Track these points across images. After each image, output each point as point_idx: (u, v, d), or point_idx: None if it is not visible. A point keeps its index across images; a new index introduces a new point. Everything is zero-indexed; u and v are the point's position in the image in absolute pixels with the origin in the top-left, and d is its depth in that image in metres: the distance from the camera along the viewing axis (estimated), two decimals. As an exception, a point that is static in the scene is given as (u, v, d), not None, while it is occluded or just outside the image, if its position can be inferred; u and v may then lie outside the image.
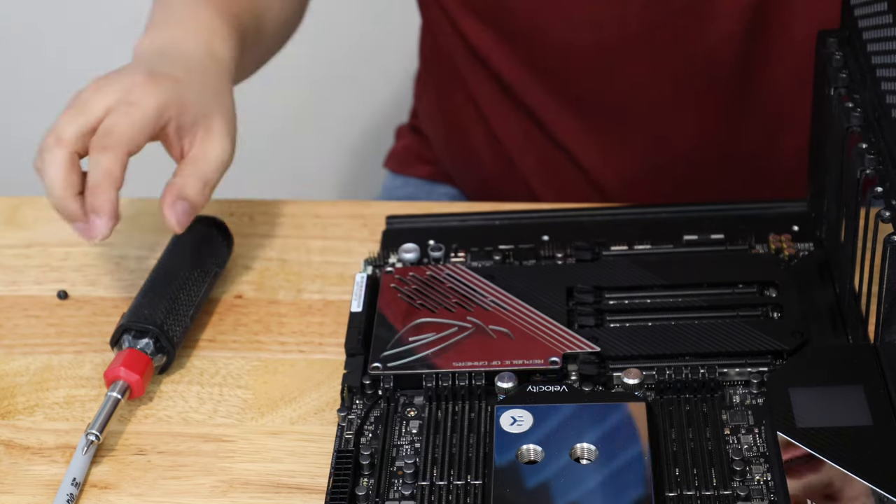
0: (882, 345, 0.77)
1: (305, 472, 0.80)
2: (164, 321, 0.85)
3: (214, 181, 0.87)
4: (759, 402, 0.79)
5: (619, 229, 0.92)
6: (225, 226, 0.94)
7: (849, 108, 0.80)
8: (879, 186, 0.76)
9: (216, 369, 0.87)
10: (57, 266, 0.96)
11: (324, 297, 0.93)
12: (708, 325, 0.83)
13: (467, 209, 0.98)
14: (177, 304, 0.87)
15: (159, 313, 0.86)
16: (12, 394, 0.86)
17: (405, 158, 1.26)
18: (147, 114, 0.84)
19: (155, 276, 0.89)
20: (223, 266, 0.93)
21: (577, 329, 0.84)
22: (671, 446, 0.76)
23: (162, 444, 0.82)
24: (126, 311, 0.87)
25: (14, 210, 1.02)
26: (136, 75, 0.86)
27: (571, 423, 0.76)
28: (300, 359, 0.88)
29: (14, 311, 0.93)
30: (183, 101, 0.86)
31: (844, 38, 0.86)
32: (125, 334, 0.85)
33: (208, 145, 0.87)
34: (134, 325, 0.85)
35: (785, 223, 0.91)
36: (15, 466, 0.81)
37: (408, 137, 1.28)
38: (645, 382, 0.80)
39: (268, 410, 0.84)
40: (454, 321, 0.84)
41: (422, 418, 0.80)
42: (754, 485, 0.74)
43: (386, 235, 0.94)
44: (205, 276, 0.90)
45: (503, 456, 0.75)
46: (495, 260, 0.90)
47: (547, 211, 0.95)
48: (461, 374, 0.81)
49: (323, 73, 1.69)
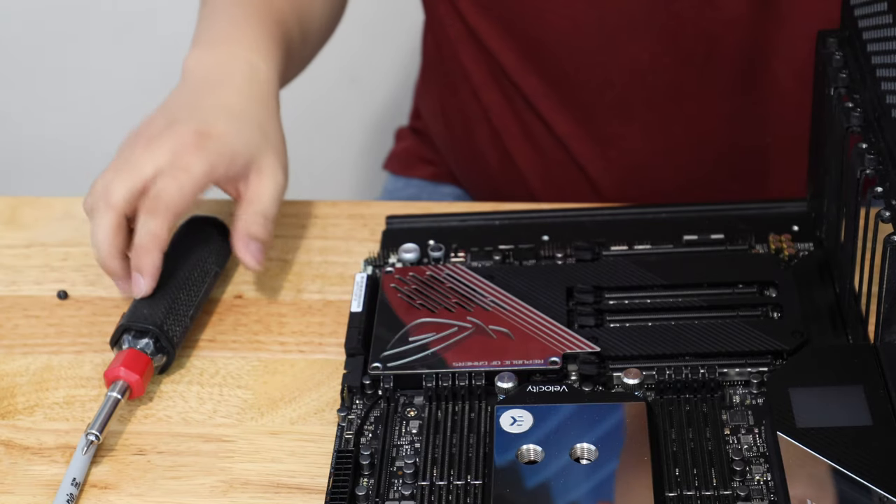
0: (882, 345, 0.77)
1: (305, 472, 0.80)
2: (163, 321, 0.85)
3: (274, 213, 0.91)
4: (758, 403, 0.79)
5: (619, 229, 0.92)
6: (225, 226, 0.94)
7: (849, 107, 0.80)
8: (879, 186, 0.76)
9: (216, 369, 0.87)
10: (57, 266, 0.96)
11: (324, 297, 0.93)
12: (708, 325, 0.83)
13: (467, 209, 0.98)
14: (176, 303, 0.87)
15: (159, 313, 0.86)
16: (12, 394, 0.86)
17: (406, 160, 1.26)
18: (196, 179, 0.87)
19: None
20: (223, 266, 0.93)
21: (577, 329, 0.84)
22: (671, 446, 0.76)
23: (162, 445, 0.82)
24: (126, 311, 0.87)
25: (14, 210, 1.02)
26: (186, 136, 0.89)
27: (571, 423, 0.76)
28: (300, 359, 0.88)
29: (14, 312, 0.93)
30: (232, 155, 0.89)
31: (844, 37, 0.86)
32: (125, 334, 0.85)
33: (262, 185, 0.91)
34: (134, 325, 0.85)
35: (785, 223, 0.91)
36: (15, 466, 0.81)
37: (408, 139, 1.28)
38: (645, 382, 0.80)
39: (268, 410, 0.84)
40: (454, 321, 0.84)
41: (422, 418, 0.80)
42: (754, 485, 0.74)
43: (386, 235, 0.94)
44: (205, 276, 0.90)
45: (503, 456, 0.75)
46: (495, 260, 0.90)
47: (547, 211, 0.95)
48: (461, 374, 0.81)
49: (324, 72, 1.69)
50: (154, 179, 0.87)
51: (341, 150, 1.76)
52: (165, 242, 0.87)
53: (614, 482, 0.73)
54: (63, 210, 1.01)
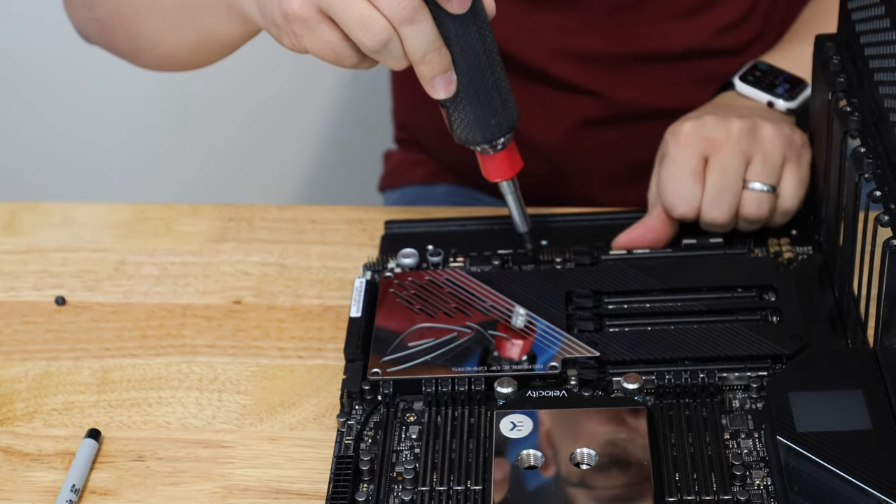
0: (881, 349, 0.77)
1: (305, 478, 0.80)
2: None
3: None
4: (758, 407, 0.79)
5: (617, 233, 0.92)
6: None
7: (847, 111, 0.80)
8: (878, 190, 0.76)
9: (215, 375, 0.87)
10: (55, 272, 0.96)
11: (323, 303, 0.92)
12: (707, 330, 0.83)
13: (466, 214, 0.98)
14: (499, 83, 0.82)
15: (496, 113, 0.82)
16: (11, 400, 0.86)
17: (398, 172, 1.26)
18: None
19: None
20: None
21: (577, 334, 0.84)
22: (671, 451, 0.76)
23: (161, 451, 0.82)
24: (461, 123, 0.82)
25: (12, 216, 1.02)
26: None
27: (571, 428, 0.76)
28: (299, 364, 0.88)
29: (12, 318, 0.93)
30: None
31: (842, 42, 0.86)
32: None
33: None
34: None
35: (784, 227, 0.91)
36: (14, 473, 0.81)
37: (397, 155, 1.28)
38: (644, 387, 0.80)
39: (267, 416, 0.84)
40: (453, 326, 0.84)
41: (421, 423, 0.80)
42: (754, 489, 0.74)
43: (385, 240, 0.94)
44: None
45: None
46: (494, 265, 0.90)
47: (545, 216, 0.95)
48: (461, 379, 0.80)
49: (324, 78, 1.69)
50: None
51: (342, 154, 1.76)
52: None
53: (614, 487, 0.73)
54: (61, 216, 1.01)
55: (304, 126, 1.73)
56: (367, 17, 0.77)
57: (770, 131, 0.89)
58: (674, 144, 0.90)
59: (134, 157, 1.72)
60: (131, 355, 0.89)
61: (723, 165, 0.88)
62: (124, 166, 1.73)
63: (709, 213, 0.89)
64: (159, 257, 0.97)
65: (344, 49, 0.79)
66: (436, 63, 0.80)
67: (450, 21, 0.80)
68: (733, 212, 0.89)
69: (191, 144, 1.71)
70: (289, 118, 1.71)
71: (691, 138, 0.89)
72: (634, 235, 0.91)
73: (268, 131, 1.72)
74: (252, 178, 1.74)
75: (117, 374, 0.88)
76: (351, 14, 0.77)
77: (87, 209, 1.02)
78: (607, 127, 1.13)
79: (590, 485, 0.73)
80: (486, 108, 0.82)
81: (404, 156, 1.27)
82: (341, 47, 0.79)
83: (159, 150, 1.71)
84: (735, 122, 0.89)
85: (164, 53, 1.00)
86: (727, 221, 0.89)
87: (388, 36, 0.78)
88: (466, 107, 0.82)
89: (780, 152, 0.89)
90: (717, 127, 0.89)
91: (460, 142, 0.84)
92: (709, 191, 0.88)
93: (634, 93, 1.12)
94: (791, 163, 0.89)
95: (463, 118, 0.82)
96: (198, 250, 0.98)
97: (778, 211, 0.90)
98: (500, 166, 0.85)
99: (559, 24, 1.10)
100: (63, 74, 1.69)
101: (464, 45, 0.81)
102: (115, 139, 1.71)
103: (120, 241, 0.99)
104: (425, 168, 1.24)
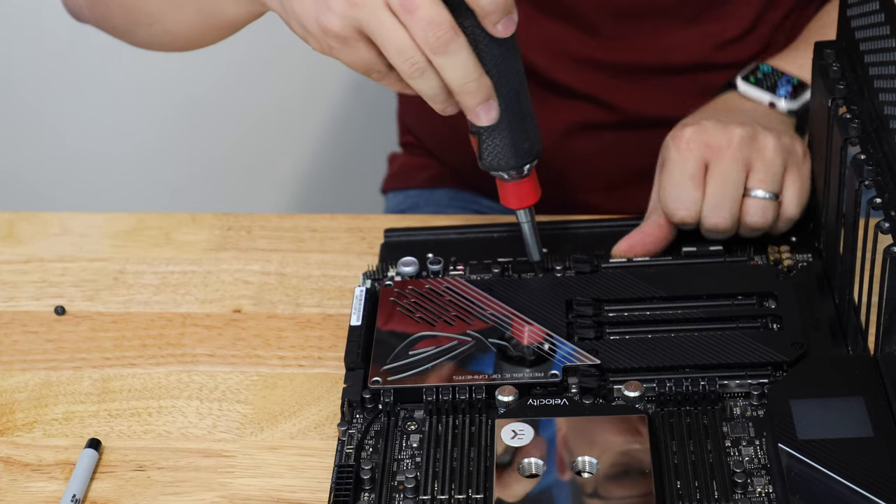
0: (882, 356, 0.77)
1: (305, 487, 0.80)
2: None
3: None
4: (759, 414, 0.79)
5: (617, 241, 0.92)
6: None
7: (847, 118, 0.80)
8: (878, 197, 0.76)
9: (215, 384, 0.87)
10: (55, 281, 0.96)
11: (323, 311, 0.92)
12: (708, 337, 0.83)
13: (465, 222, 0.98)
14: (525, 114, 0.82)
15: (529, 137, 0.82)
16: (11, 410, 0.86)
17: (402, 175, 1.26)
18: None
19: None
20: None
21: (577, 342, 0.84)
22: (672, 459, 0.76)
23: (162, 460, 0.82)
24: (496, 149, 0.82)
25: (12, 225, 1.02)
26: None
27: (572, 436, 0.76)
28: (299, 373, 0.88)
29: (12, 327, 0.93)
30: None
31: (842, 49, 0.86)
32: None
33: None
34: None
35: (783, 234, 0.91)
36: (14, 483, 0.81)
37: (401, 158, 1.28)
38: (645, 395, 0.80)
39: (267, 425, 0.84)
40: (454, 334, 0.84)
41: (422, 432, 0.80)
42: (756, 497, 0.74)
43: (384, 248, 0.94)
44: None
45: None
46: (494, 273, 0.90)
47: (545, 223, 0.95)
48: (461, 387, 0.80)
49: (324, 85, 1.69)
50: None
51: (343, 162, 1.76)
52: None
53: (616, 495, 0.73)
54: (61, 225, 1.01)
55: (307, 131, 1.73)
56: (406, 46, 0.77)
57: (771, 141, 0.89)
58: (674, 149, 0.90)
59: (133, 166, 1.72)
60: (131, 365, 0.89)
61: (724, 172, 0.88)
62: (123, 176, 1.73)
63: (709, 219, 0.89)
64: (159, 266, 0.97)
65: (376, 64, 0.79)
66: (476, 92, 0.79)
67: (492, 46, 0.78)
68: (735, 218, 0.89)
69: (190, 153, 1.71)
70: (291, 123, 1.71)
71: (692, 143, 0.89)
72: (634, 241, 0.91)
73: (268, 138, 1.72)
74: (252, 185, 1.74)
75: (117, 383, 0.88)
76: (391, 40, 0.77)
77: (87, 218, 1.02)
78: (607, 132, 1.14)
79: (591, 493, 0.73)
80: (521, 132, 0.81)
81: (408, 159, 1.27)
82: (374, 62, 0.79)
83: (158, 160, 1.71)
84: (736, 130, 0.89)
85: (162, 30, 0.98)
86: (728, 227, 0.89)
87: (426, 64, 0.78)
88: (503, 132, 0.81)
89: (782, 161, 0.89)
90: (718, 133, 0.89)
91: (488, 168, 0.83)
92: (709, 198, 0.88)
93: (635, 100, 1.12)
94: (792, 171, 0.89)
95: (497, 143, 0.81)
96: (197, 259, 0.97)
97: (780, 218, 0.90)
98: (524, 192, 0.84)
99: (561, 31, 1.10)
100: (62, 84, 1.69)
101: (504, 70, 0.79)
102: (114, 148, 1.72)
103: (119, 251, 0.98)
104: (428, 172, 1.24)
